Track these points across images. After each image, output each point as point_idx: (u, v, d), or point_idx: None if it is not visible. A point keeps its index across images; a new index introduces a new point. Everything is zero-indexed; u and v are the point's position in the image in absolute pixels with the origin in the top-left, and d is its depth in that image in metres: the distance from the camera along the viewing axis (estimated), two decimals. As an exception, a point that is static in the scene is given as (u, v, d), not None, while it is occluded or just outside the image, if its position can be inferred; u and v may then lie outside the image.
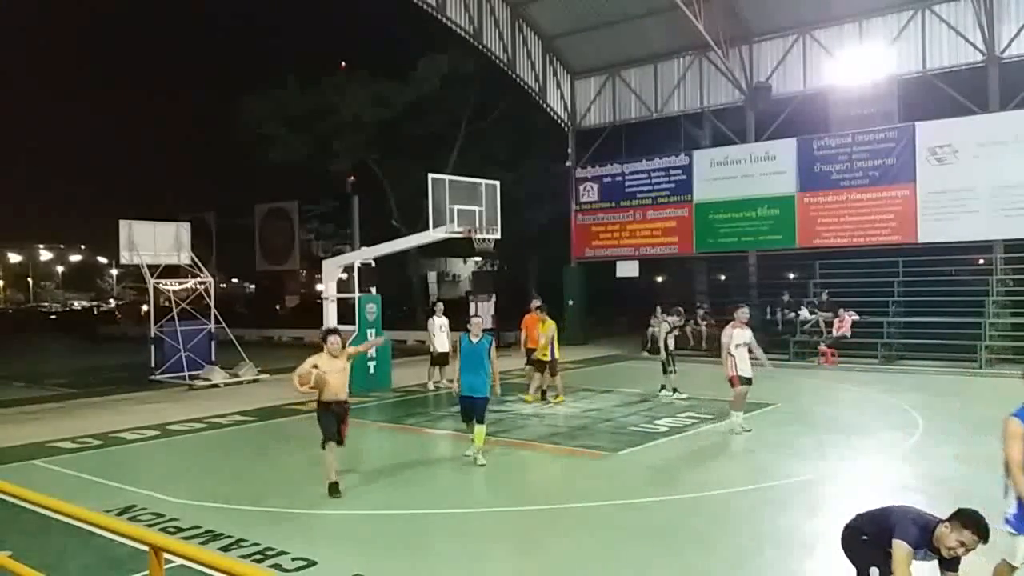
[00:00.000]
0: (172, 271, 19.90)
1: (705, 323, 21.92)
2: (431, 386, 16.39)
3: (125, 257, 18.87)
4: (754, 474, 8.94)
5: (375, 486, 8.94)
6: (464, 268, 54.58)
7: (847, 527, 4.82)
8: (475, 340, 9.57)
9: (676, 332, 14.99)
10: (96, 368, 22.04)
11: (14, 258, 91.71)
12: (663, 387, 14.45)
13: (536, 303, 14.96)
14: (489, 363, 9.49)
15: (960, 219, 19.74)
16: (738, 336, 11.16)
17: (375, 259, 17.21)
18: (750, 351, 11.34)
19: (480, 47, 25.31)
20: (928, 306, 19.40)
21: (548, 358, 14.04)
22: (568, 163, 27.59)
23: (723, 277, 28.08)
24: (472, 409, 9.46)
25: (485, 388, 9.42)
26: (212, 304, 19.34)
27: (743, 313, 11.41)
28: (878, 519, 4.74)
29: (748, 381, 11.17)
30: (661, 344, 14.42)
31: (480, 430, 9.40)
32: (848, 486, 8.63)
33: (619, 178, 26.28)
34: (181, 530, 7.12)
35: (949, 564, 4.78)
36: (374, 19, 44.50)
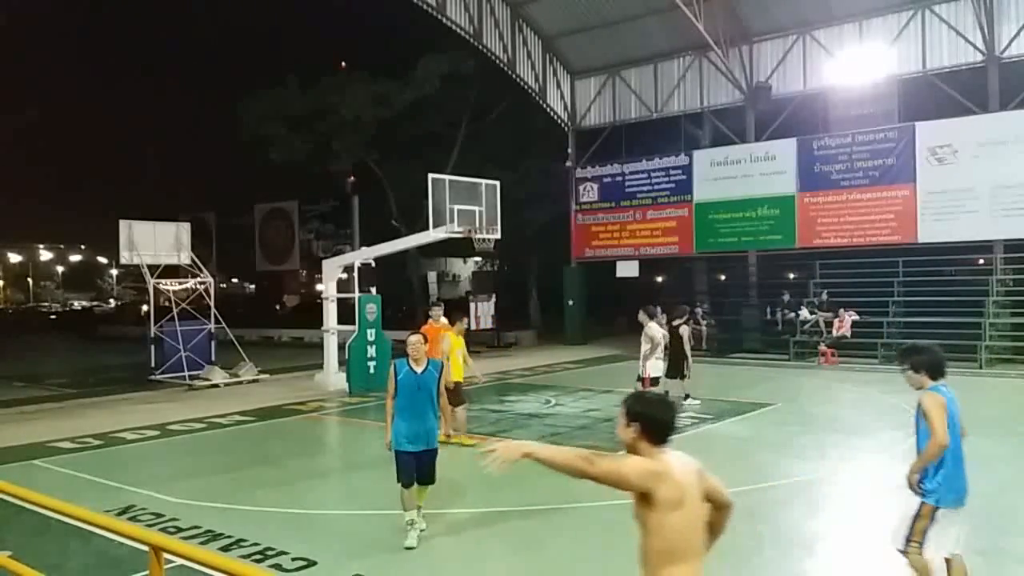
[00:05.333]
0: (172, 271, 19.92)
1: (705, 323, 21.93)
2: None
3: (125, 257, 18.90)
4: (754, 474, 8.94)
5: (375, 486, 8.93)
6: (464, 268, 54.55)
7: None
8: (419, 369, 6.83)
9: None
10: (96, 368, 22.04)
11: (14, 258, 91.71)
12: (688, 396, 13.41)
13: (438, 310, 12.24)
14: (439, 398, 7.01)
15: (960, 219, 19.74)
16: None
17: (375, 259, 17.23)
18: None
19: (480, 47, 25.31)
20: (928, 306, 19.40)
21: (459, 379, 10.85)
22: (568, 163, 27.59)
23: (723, 277, 28.09)
24: (423, 468, 6.81)
25: (436, 436, 6.97)
26: (212, 304, 19.35)
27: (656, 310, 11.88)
28: None
29: (658, 382, 11.63)
30: (688, 348, 13.43)
31: (425, 491, 6.96)
32: (848, 486, 8.63)
33: (619, 178, 26.28)
34: (181, 530, 7.12)
35: None
36: (374, 19, 44.50)
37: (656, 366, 11.89)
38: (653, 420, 3.18)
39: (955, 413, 5.00)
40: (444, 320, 11.73)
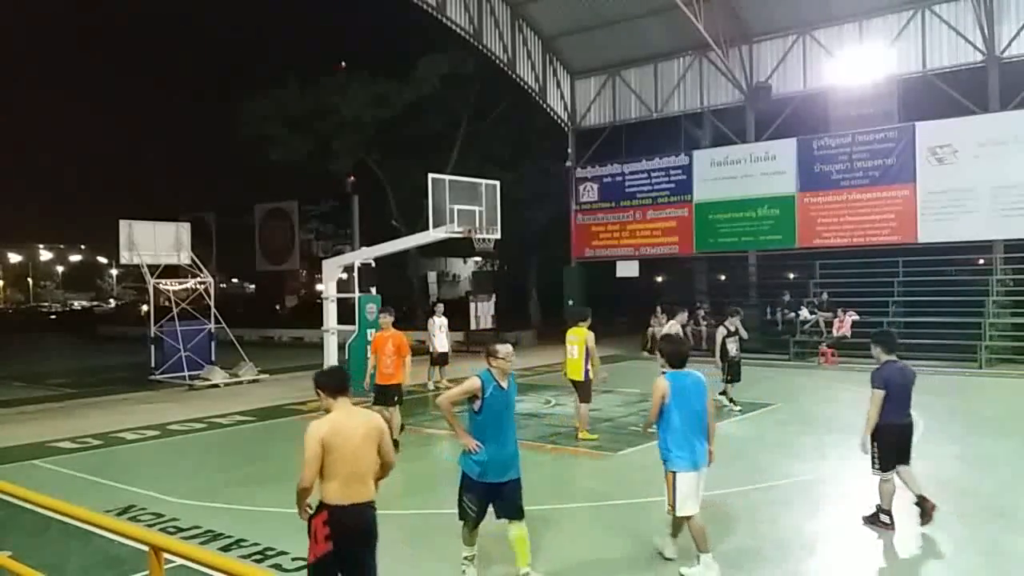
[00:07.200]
0: (172, 271, 19.91)
1: (705, 323, 21.91)
2: (431, 386, 16.43)
3: (125, 257, 18.89)
4: (754, 474, 8.94)
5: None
6: (464, 268, 54.61)
7: None
8: (506, 385, 5.78)
9: (737, 336, 13.27)
10: (96, 368, 22.04)
11: (14, 258, 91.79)
12: (728, 397, 13.18)
13: (388, 316, 11.23)
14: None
15: (960, 219, 19.74)
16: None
17: (375, 259, 17.22)
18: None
19: (480, 47, 25.32)
20: (928, 306, 19.40)
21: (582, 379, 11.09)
22: (568, 163, 27.60)
23: (723, 277, 28.09)
24: (509, 501, 5.76)
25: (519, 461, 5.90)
26: (212, 304, 19.34)
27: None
28: None
29: None
30: (717, 350, 13.14)
31: (523, 533, 5.78)
32: (848, 486, 8.62)
33: (619, 178, 26.28)
34: (181, 530, 7.13)
35: None
36: (374, 19, 44.60)
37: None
38: (323, 383, 4.63)
39: (687, 393, 5.89)
40: (394, 328, 10.89)
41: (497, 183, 16.01)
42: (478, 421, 5.71)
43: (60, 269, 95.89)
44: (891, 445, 6.86)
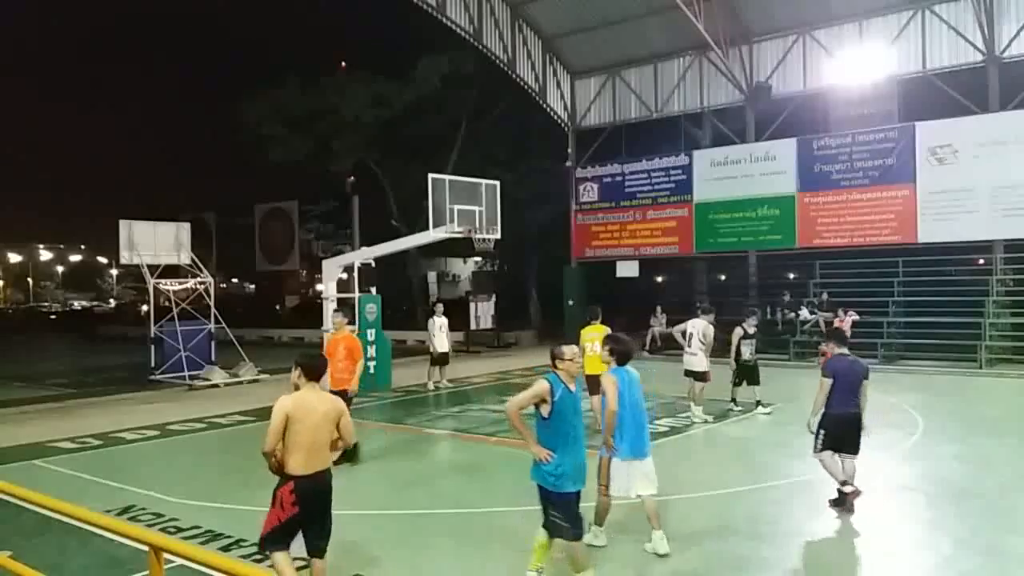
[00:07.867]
0: (172, 271, 19.90)
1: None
2: (431, 386, 16.43)
3: (125, 257, 18.87)
4: (754, 474, 8.94)
5: (375, 486, 8.92)
6: (464, 268, 54.57)
7: None
8: (574, 388, 5.50)
9: (752, 340, 12.99)
10: (96, 368, 22.04)
11: (14, 258, 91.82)
12: (731, 399, 13.17)
13: (340, 317, 10.20)
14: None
15: (960, 219, 19.75)
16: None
17: (375, 259, 17.22)
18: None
19: (480, 47, 25.32)
20: (928, 306, 19.41)
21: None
22: (568, 163, 27.60)
23: (723, 277, 28.08)
24: (580, 512, 5.58)
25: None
26: (212, 304, 19.34)
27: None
28: None
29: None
30: (733, 352, 12.93)
31: (548, 541, 5.60)
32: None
33: (619, 178, 26.29)
34: (181, 530, 7.12)
35: None
36: (374, 19, 44.64)
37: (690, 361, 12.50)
38: (302, 364, 5.42)
39: (630, 389, 6.30)
40: (349, 328, 10.07)
41: (497, 183, 16.01)
42: (548, 428, 5.41)
43: (60, 269, 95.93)
44: (831, 431, 7.41)
